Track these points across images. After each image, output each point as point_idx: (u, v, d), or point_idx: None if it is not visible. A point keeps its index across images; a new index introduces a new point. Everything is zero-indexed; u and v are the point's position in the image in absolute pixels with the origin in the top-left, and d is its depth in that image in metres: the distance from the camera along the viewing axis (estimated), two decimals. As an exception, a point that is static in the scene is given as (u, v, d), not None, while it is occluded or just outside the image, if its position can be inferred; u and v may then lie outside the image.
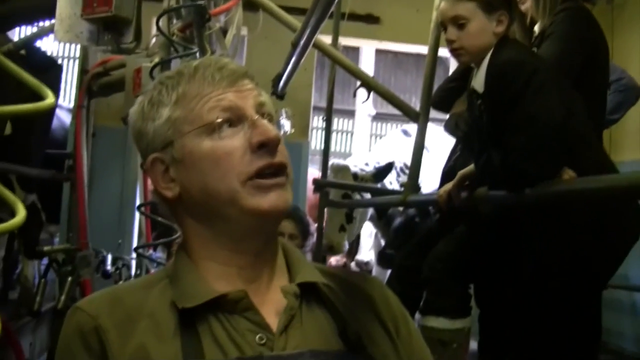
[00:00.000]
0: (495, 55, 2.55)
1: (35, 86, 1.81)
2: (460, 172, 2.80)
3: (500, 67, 2.50)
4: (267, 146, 1.16)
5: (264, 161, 1.16)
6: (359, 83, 3.81)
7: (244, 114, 1.19)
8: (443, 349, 3.20)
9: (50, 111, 4.20)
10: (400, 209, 5.14)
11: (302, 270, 1.25)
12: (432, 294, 3.33)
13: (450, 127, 3.58)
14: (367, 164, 5.67)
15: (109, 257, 3.71)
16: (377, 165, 5.48)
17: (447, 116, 3.72)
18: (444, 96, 3.57)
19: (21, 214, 1.71)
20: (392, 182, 5.73)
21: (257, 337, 1.10)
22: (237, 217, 1.16)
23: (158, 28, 2.70)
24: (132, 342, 1.10)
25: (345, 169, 5.49)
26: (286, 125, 4.34)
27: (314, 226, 4.35)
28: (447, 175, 3.66)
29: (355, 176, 5.49)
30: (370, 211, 5.71)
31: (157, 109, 1.22)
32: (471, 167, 2.74)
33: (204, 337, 1.10)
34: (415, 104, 3.96)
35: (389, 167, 5.41)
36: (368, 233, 6.46)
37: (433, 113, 3.58)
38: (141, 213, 3.27)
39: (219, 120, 1.17)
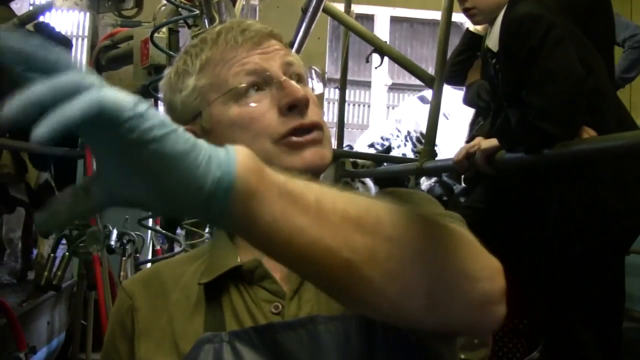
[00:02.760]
0: (510, 11, 2.48)
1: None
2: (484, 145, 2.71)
3: (516, 22, 2.42)
4: (296, 107, 1.11)
5: (295, 122, 1.11)
6: (372, 49, 3.75)
7: (270, 76, 1.14)
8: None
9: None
10: (425, 189, 5.08)
11: None
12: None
13: (470, 98, 3.51)
14: (371, 145, 5.63)
15: (114, 233, 3.69)
16: (384, 144, 5.47)
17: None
18: (455, 70, 3.52)
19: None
20: (406, 154, 5.69)
21: (273, 306, 1.07)
22: None
23: (163, -5, 2.65)
24: (163, 316, 1.10)
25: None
26: (317, 86, 4.25)
27: None
28: None
29: (355, 164, 5.45)
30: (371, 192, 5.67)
31: (183, 80, 1.19)
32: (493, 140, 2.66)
33: (226, 310, 1.08)
34: (431, 73, 3.89)
35: (388, 150, 5.42)
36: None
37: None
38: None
39: (243, 85, 1.12)
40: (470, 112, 4.01)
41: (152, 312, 1.12)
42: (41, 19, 3.88)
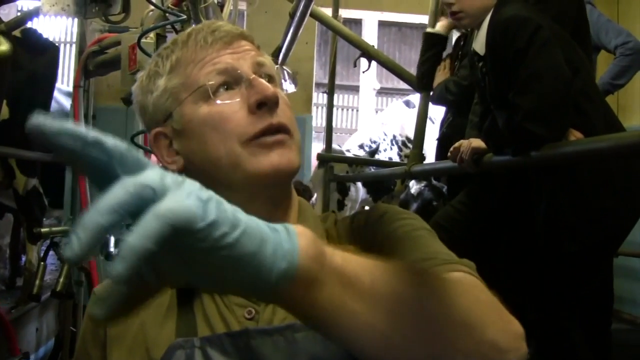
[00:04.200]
0: (497, 14, 2.49)
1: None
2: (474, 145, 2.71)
3: (503, 24, 2.43)
4: (266, 105, 1.10)
5: (264, 122, 1.09)
6: (360, 53, 3.76)
7: (240, 75, 1.13)
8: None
9: (48, 94, 4.17)
10: (415, 193, 5.09)
11: None
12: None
13: (438, 95, 3.51)
14: (361, 147, 5.65)
15: (112, 239, 3.67)
16: (372, 147, 5.49)
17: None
18: (423, 78, 3.53)
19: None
20: (392, 157, 5.71)
21: (246, 311, 1.06)
22: (241, 183, 1.10)
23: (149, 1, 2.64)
24: (135, 322, 1.08)
25: (340, 153, 5.48)
26: (289, 86, 4.24)
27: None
28: (441, 143, 3.62)
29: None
30: (362, 196, 5.68)
31: (154, 81, 1.17)
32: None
33: (198, 315, 1.07)
34: (419, 76, 3.90)
35: (376, 150, 5.45)
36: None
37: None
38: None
39: (212, 82, 1.11)
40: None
41: (124, 320, 1.09)
42: (29, 24, 3.87)
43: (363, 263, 0.79)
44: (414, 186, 5.16)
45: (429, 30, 3.55)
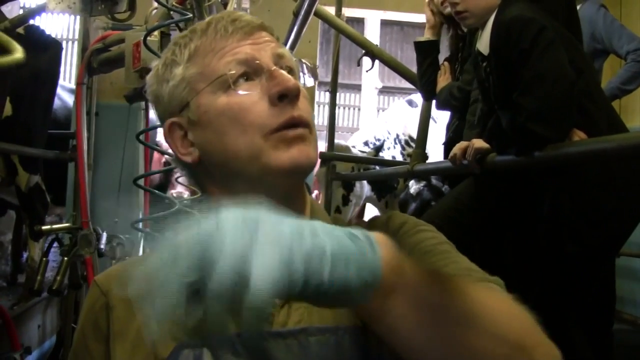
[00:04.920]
0: (501, 14, 2.49)
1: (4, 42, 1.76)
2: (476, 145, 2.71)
3: (507, 24, 2.43)
4: (287, 97, 1.08)
5: (286, 114, 1.08)
6: (363, 52, 3.75)
7: (260, 66, 1.10)
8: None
9: (51, 91, 4.18)
10: (414, 193, 5.09)
11: None
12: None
13: (443, 100, 3.51)
14: (365, 143, 5.67)
15: (104, 236, 3.68)
16: (376, 144, 5.50)
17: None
18: (426, 88, 3.53)
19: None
20: (395, 156, 5.72)
21: None
22: (259, 176, 1.08)
23: (155, -2, 2.64)
24: (138, 319, 1.04)
25: (346, 149, 5.49)
26: (308, 80, 4.22)
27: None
28: (447, 147, 3.61)
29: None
30: (366, 193, 5.70)
31: (171, 70, 1.15)
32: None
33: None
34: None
35: (381, 147, 5.46)
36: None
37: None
38: (137, 186, 3.22)
39: (233, 72, 1.09)
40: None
41: (128, 312, 1.07)
42: (31, 21, 3.87)
43: (424, 274, 0.81)
44: (413, 186, 5.17)
45: (419, 39, 3.54)
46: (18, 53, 1.78)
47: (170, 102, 1.15)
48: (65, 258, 3.51)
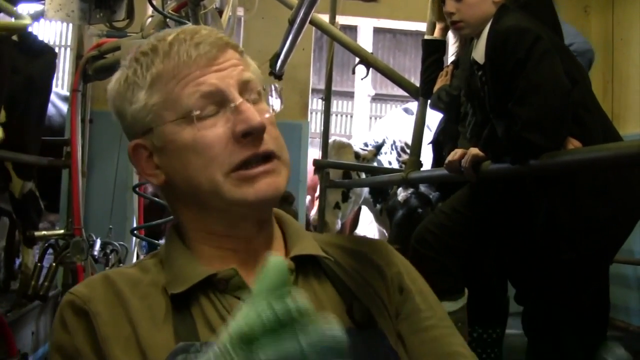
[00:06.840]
0: (496, 24, 2.51)
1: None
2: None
3: (502, 34, 2.45)
4: (251, 134, 1.08)
5: (248, 151, 1.07)
6: (357, 60, 3.77)
7: (226, 98, 1.09)
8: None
9: (45, 97, 4.17)
10: (402, 200, 5.11)
11: (298, 243, 1.19)
12: (431, 275, 3.22)
13: (433, 100, 3.55)
14: (366, 144, 5.70)
15: (98, 242, 3.69)
16: (376, 144, 5.54)
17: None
18: (425, 84, 3.56)
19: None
20: (391, 162, 5.74)
21: None
22: (222, 209, 1.10)
23: (151, 4, 2.65)
24: (125, 325, 1.06)
25: (347, 146, 5.52)
26: (275, 103, 4.24)
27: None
28: (434, 147, 3.65)
29: (357, 155, 5.51)
30: (365, 194, 5.72)
31: (133, 91, 1.12)
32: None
33: (197, 320, 1.06)
34: (416, 84, 3.92)
35: (380, 147, 5.49)
36: (368, 221, 6.46)
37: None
38: (136, 193, 3.23)
39: (197, 112, 1.08)
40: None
41: (114, 319, 1.06)
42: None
43: None
44: (401, 193, 5.18)
45: (427, 37, 3.57)
46: (26, 20, 1.77)
47: (134, 124, 1.14)
48: (54, 264, 3.51)
